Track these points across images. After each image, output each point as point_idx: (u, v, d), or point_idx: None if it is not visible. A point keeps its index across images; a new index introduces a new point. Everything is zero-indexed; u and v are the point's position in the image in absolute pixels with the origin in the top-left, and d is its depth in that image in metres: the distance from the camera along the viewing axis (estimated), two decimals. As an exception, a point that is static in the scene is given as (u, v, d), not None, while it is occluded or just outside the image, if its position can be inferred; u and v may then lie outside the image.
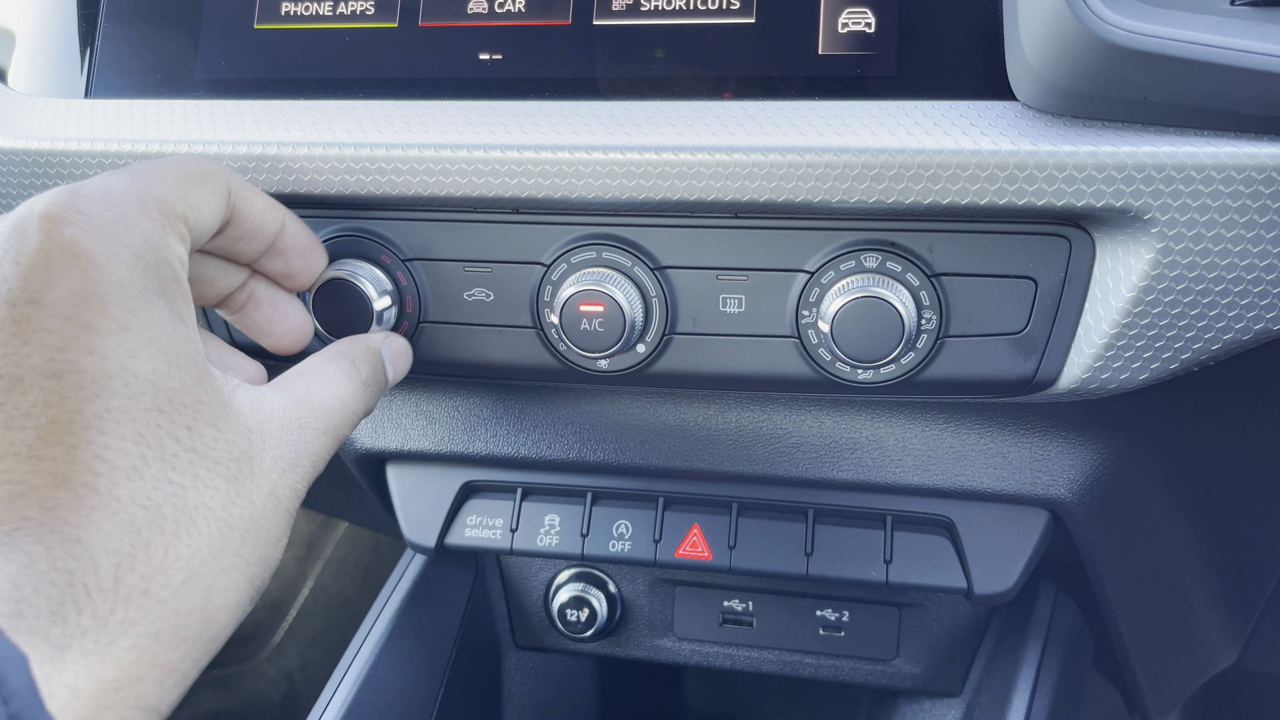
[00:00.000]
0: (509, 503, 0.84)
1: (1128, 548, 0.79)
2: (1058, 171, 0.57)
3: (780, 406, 0.76)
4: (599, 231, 0.66)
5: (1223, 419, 0.73)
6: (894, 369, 0.64)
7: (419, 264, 0.69)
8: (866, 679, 0.95)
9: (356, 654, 0.89)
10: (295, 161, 0.67)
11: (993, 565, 0.77)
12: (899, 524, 0.79)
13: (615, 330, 0.65)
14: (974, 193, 0.58)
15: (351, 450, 0.84)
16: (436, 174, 0.65)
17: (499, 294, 0.68)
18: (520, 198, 0.64)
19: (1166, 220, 0.56)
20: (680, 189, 0.62)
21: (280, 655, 2.04)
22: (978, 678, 0.91)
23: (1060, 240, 0.60)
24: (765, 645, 0.96)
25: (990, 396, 0.67)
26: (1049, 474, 0.73)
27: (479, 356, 0.70)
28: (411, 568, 0.97)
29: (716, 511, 0.82)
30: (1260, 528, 0.84)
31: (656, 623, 0.98)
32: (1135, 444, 0.72)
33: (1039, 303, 0.61)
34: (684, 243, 0.65)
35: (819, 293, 0.63)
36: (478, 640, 1.00)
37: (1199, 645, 0.98)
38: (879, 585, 0.79)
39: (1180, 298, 0.58)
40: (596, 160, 0.62)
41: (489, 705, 1.03)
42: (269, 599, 2.06)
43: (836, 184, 0.59)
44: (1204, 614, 0.94)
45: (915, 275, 0.62)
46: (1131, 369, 0.61)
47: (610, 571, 0.98)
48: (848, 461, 0.76)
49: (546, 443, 0.80)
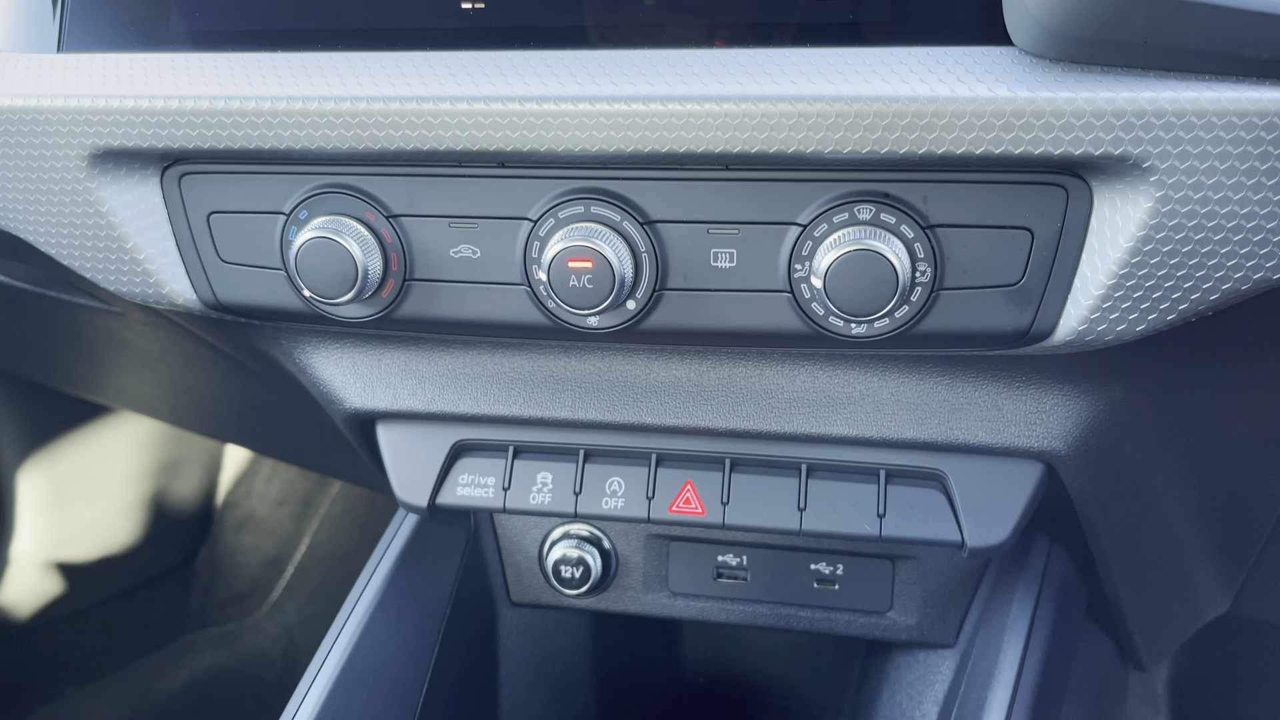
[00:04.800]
0: (501, 461, 0.84)
1: (1122, 499, 0.79)
2: (1055, 119, 0.55)
3: (773, 362, 0.75)
4: (587, 186, 0.64)
5: (1220, 370, 0.73)
6: (888, 323, 0.63)
7: (404, 220, 0.68)
8: (861, 631, 0.95)
9: (350, 615, 0.89)
10: (274, 116, 0.65)
11: (987, 518, 0.76)
12: (892, 478, 0.79)
13: (605, 287, 0.64)
14: (970, 142, 0.57)
15: (340, 409, 0.83)
16: (419, 128, 0.63)
17: (486, 250, 0.67)
18: (505, 151, 0.63)
19: (1166, 168, 0.55)
20: (670, 140, 0.60)
21: (278, 612, 2.05)
22: (972, 629, 0.92)
23: (1057, 190, 0.59)
24: (759, 599, 0.96)
25: (985, 349, 0.67)
26: (1044, 426, 0.73)
27: (467, 314, 0.69)
28: (404, 527, 0.96)
29: (709, 468, 0.82)
30: (1256, 477, 0.84)
31: (651, 578, 0.98)
32: (1131, 395, 0.72)
33: (1035, 254, 0.61)
34: (674, 196, 0.64)
35: (811, 246, 0.62)
36: (472, 597, 1.00)
37: (1193, 594, 0.98)
38: (872, 539, 0.79)
39: (1179, 247, 0.57)
40: (583, 112, 0.61)
41: (484, 661, 1.03)
42: (266, 556, 2.07)
43: (830, 134, 0.58)
44: (1198, 563, 0.94)
45: (910, 227, 0.61)
46: (1129, 320, 0.60)
47: (604, 528, 0.98)
48: (841, 416, 0.75)
49: (537, 401, 0.79)
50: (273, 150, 0.66)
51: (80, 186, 0.70)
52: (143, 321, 0.96)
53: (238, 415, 1.17)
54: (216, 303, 0.73)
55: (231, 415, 1.18)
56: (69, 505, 1.71)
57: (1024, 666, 0.83)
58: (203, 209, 0.71)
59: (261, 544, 2.06)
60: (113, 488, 1.78)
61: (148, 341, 1.02)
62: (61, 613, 1.71)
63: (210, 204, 0.70)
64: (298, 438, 1.13)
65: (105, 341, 1.09)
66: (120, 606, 1.82)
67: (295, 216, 0.69)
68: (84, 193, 0.71)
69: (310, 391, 0.85)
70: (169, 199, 0.71)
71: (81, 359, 1.19)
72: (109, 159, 0.69)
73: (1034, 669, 0.83)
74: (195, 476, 1.96)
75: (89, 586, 1.75)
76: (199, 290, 0.73)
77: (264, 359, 0.87)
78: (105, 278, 0.74)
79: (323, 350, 0.82)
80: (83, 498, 1.73)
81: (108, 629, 1.80)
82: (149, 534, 1.85)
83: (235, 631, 2.00)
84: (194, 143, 0.67)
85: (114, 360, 1.15)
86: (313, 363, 0.82)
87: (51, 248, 0.74)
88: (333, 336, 0.81)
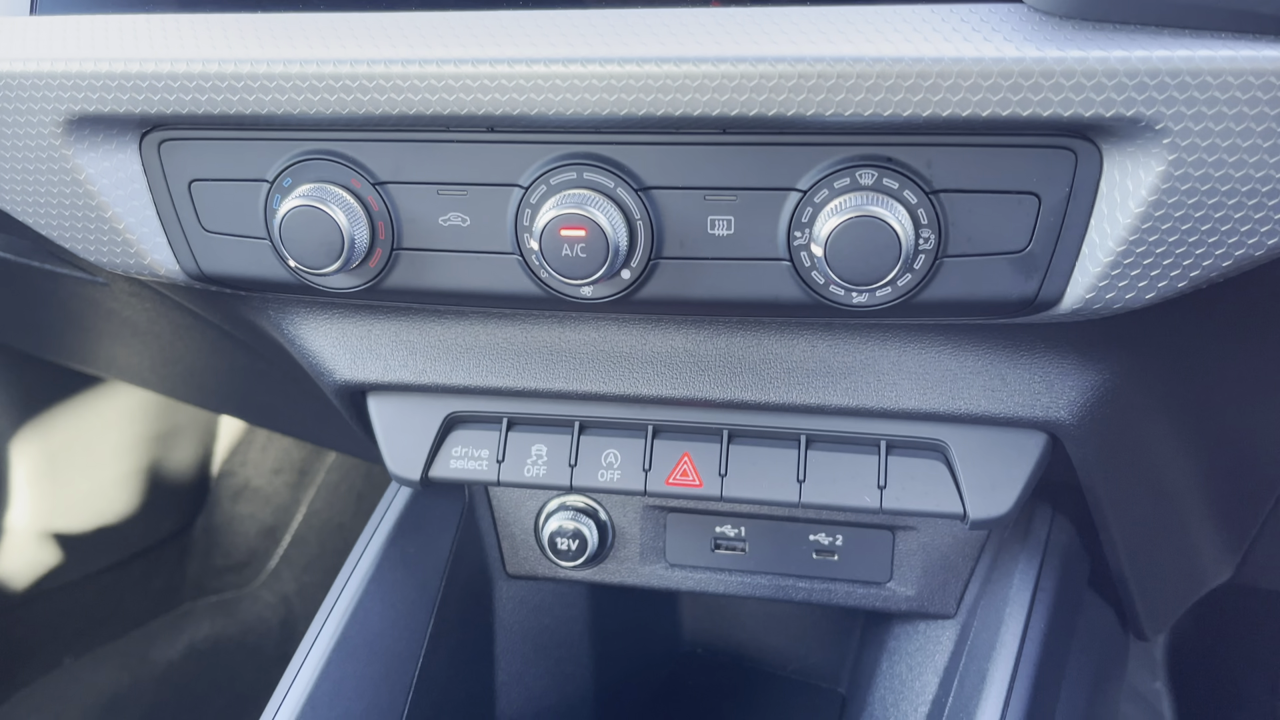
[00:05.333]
0: (494, 433, 0.82)
1: (1127, 469, 0.78)
2: (1065, 79, 0.53)
3: (771, 331, 0.73)
4: (579, 151, 0.62)
5: (1229, 338, 0.71)
6: (890, 291, 0.61)
7: (391, 188, 0.66)
8: (860, 602, 0.94)
9: (344, 587, 0.88)
10: (255, 80, 0.63)
11: (989, 490, 0.75)
12: (893, 449, 0.78)
13: (598, 256, 0.62)
14: (976, 104, 0.55)
15: (330, 381, 0.82)
16: (405, 91, 0.61)
17: (476, 218, 0.65)
18: (495, 115, 0.61)
19: (1180, 130, 0.53)
20: (665, 103, 0.58)
21: (276, 580, 2.05)
22: (973, 600, 0.91)
23: (1066, 153, 0.58)
24: (758, 570, 0.95)
25: (989, 318, 0.65)
26: (1048, 396, 0.71)
27: (457, 284, 0.68)
28: (399, 499, 0.95)
29: (707, 439, 0.80)
30: (1263, 445, 0.83)
31: (648, 549, 0.97)
32: (1138, 364, 0.70)
33: (1042, 220, 0.59)
34: (669, 161, 0.62)
35: (812, 212, 0.61)
36: (467, 569, 0.99)
37: (1196, 563, 0.97)
38: (873, 512, 0.78)
39: (1191, 212, 0.56)
40: (575, 74, 0.59)
41: (480, 633, 1.03)
42: (263, 525, 2.07)
43: (830, 96, 0.56)
44: (1202, 532, 0.93)
45: (913, 192, 0.59)
46: (1138, 288, 0.59)
47: (601, 499, 0.97)
48: (841, 386, 0.74)
49: (531, 372, 0.78)
50: (254, 116, 0.64)
51: (56, 154, 0.68)
52: (128, 292, 0.94)
53: (229, 386, 1.16)
54: (200, 273, 0.71)
55: (222, 386, 1.17)
56: (64, 475, 1.70)
57: (1026, 638, 0.82)
58: (183, 177, 0.68)
59: (258, 513, 2.06)
60: (108, 458, 1.77)
61: (134, 312, 1.00)
62: (59, 582, 1.71)
63: (191, 171, 0.68)
64: (290, 409, 1.11)
65: (92, 312, 1.07)
66: (118, 576, 1.82)
67: (279, 184, 0.67)
68: (60, 160, 0.69)
69: (300, 363, 0.83)
70: (148, 166, 0.69)
71: (70, 330, 1.18)
72: (85, 125, 0.67)
73: (1036, 640, 0.82)
74: (190, 446, 1.95)
75: (86, 556, 1.75)
76: (181, 260, 0.71)
77: (252, 330, 0.86)
78: (85, 248, 0.72)
79: (311, 321, 0.80)
80: (77, 468, 1.72)
81: (106, 598, 1.80)
82: (145, 504, 1.85)
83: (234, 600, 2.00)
84: (172, 108, 0.65)
85: (102, 331, 1.13)
86: (301, 334, 0.81)
87: (29, 217, 0.72)
88: (321, 307, 0.79)
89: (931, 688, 0.92)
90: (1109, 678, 1.01)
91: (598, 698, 1.13)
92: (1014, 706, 0.78)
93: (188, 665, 1.87)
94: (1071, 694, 0.91)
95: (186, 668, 1.87)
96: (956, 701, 0.84)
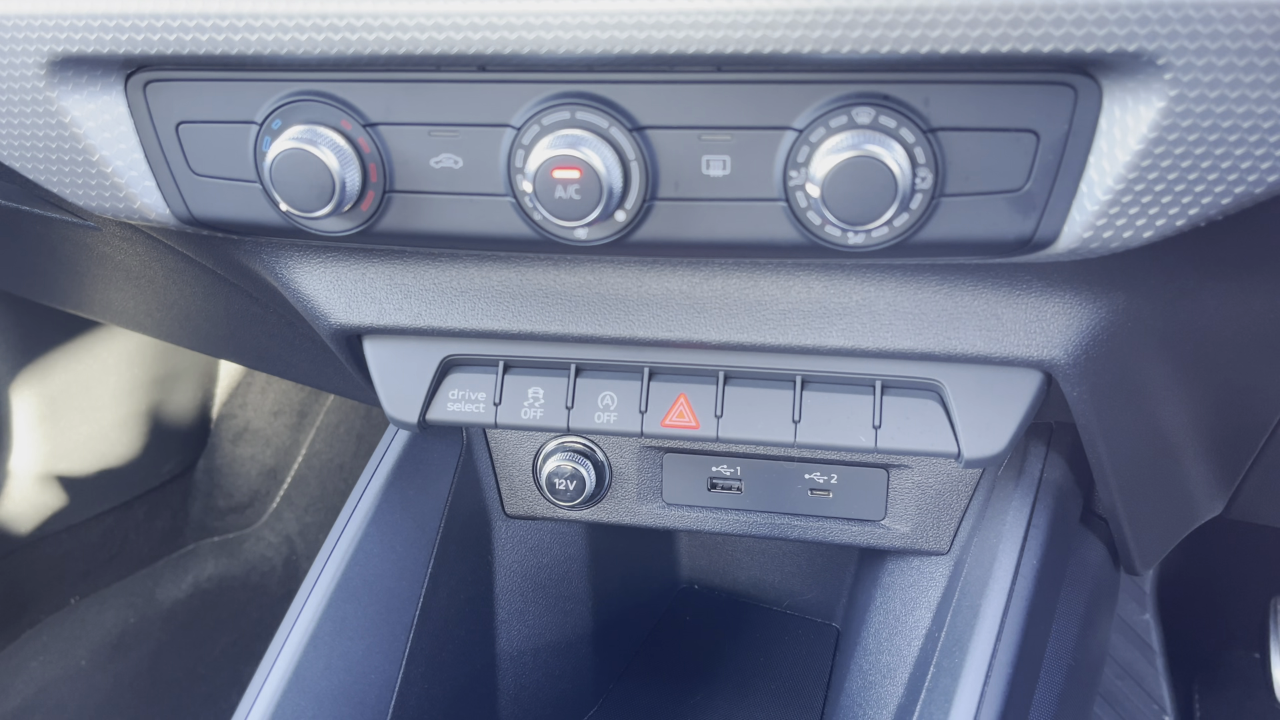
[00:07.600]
0: (491, 376, 0.83)
1: (1122, 407, 0.78)
2: (1067, 13, 0.52)
3: (767, 272, 0.73)
4: (572, 90, 0.61)
5: (1226, 276, 0.71)
6: (887, 231, 0.61)
7: (382, 129, 0.65)
8: (855, 539, 0.95)
9: (344, 529, 0.89)
10: (241, 19, 0.61)
11: (984, 429, 0.76)
12: (888, 389, 0.78)
13: (592, 197, 0.61)
14: (975, 39, 0.54)
15: (326, 325, 0.81)
16: (395, 30, 0.60)
17: (468, 160, 0.64)
18: (485, 54, 0.60)
19: (1182, 65, 0.53)
20: (659, 41, 0.57)
21: (278, 520, 2.07)
22: (966, 536, 0.92)
23: (1065, 89, 0.57)
24: (753, 509, 0.96)
25: (986, 257, 0.65)
26: (1044, 335, 0.71)
27: (450, 227, 0.67)
28: (397, 441, 0.96)
29: (703, 380, 0.80)
30: (1257, 382, 0.83)
31: (645, 489, 0.98)
32: (1135, 303, 0.70)
33: (1040, 157, 0.58)
34: (664, 100, 0.61)
35: (808, 152, 0.60)
36: (466, 510, 1.00)
37: (1188, 500, 0.98)
38: (868, 451, 0.78)
39: (1191, 149, 0.55)
40: (567, 11, 0.57)
41: (480, 573, 1.04)
42: (264, 466, 2.08)
43: (827, 32, 0.55)
44: (1195, 469, 0.94)
45: (910, 131, 0.58)
46: (1136, 226, 0.58)
47: (598, 440, 0.97)
48: (837, 327, 0.74)
49: (527, 315, 0.78)
50: (241, 56, 0.63)
51: (40, 96, 0.67)
52: (120, 237, 0.93)
53: (224, 330, 1.16)
54: (191, 217, 0.71)
55: (218, 330, 1.17)
56: (65, 419, 1.71)
57: (1018, 573, 0.83)
58: (171, 119, 0.67)
59: (259, 454, 2.07)
60: (108, 401, 1.77)
61: (127, 257, 0.99)
62: (63, 524, 1.72)
63: (179, 113, 0.67)
64: (287, 353, 1.11)
65: (85, 257, 1.06)
66: (121, 517, 1.84)
67: (268, 126, 0.66)
68: (44, 103, 0.67)
69: (295, 307, 0.83)
70: (135, 108, 0.68)
71: (64, 275, 1.17)
72: (69, 66, 0.66)
73: (1028, 576, 0.83)
74: (190, 389, 1.96)
75: (89, 498, 1.76)
76: (171, 204, 0.71)
77: (246, 274, 0.85)
78: (74, 192, 0.72)
79: (305, 264, 0.80)
80: (78, 411, 1.72)
81: (110, 539, 1.82)
82: (146, 446, 1.86)
83: (237, 540, 2.02)
84: (157, 48, 0.63)
85: (96, 275, 1.12)
86: (295, 277, 0.80)
87: (16, 162, 0.71)
88: (315, 250, 0.79)
89: (925, 622, 0.94)
90: (1100, 611, 1.03)
91: (596, 634, 1.15)
92: (1006, 640, 0.80)
93: (193, 604, 1.90)
94: (1062, 628, 0.93)
95: (192, 606, 1.90)
96: (949, 635, 0.85)
